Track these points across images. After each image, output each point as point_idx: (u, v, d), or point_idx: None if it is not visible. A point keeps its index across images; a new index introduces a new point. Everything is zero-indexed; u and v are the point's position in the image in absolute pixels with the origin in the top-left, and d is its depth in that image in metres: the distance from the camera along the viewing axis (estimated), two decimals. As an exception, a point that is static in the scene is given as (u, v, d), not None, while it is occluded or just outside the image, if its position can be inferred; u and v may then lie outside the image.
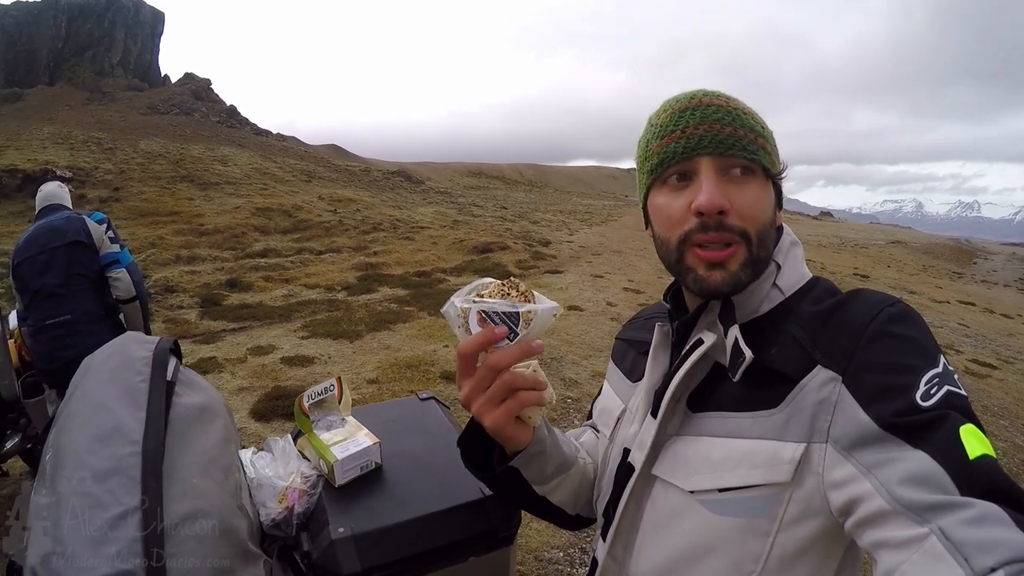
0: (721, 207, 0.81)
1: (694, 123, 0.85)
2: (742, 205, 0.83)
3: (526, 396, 0.84)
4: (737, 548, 0.79)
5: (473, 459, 1.04)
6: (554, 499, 1.06)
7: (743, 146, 0.84)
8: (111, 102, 42.74)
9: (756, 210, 0.84)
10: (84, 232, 3.39)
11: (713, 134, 0.84)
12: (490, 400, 0.84)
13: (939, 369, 0.69)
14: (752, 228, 0.83)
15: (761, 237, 0.84)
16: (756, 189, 0.85)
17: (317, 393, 1.35)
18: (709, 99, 0.87)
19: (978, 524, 0.56)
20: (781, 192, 0.91)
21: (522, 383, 0.83)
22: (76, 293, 3.33)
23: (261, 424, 4.91)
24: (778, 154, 0.90)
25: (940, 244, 39.95)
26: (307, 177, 27.81)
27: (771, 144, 0.88)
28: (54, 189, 3.72)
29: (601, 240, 20.16)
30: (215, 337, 7.67)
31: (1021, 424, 6.59)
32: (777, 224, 0.91)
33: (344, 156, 53.12)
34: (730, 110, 0.86)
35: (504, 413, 0.84)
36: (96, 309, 3.39)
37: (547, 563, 3.42)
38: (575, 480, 1.07)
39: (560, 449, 1.03)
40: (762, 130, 0.87)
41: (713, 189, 0.82)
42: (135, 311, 3.54)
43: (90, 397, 0.98)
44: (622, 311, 9.92)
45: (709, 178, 0.83)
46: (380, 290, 10.96)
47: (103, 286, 3.46)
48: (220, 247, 14.51)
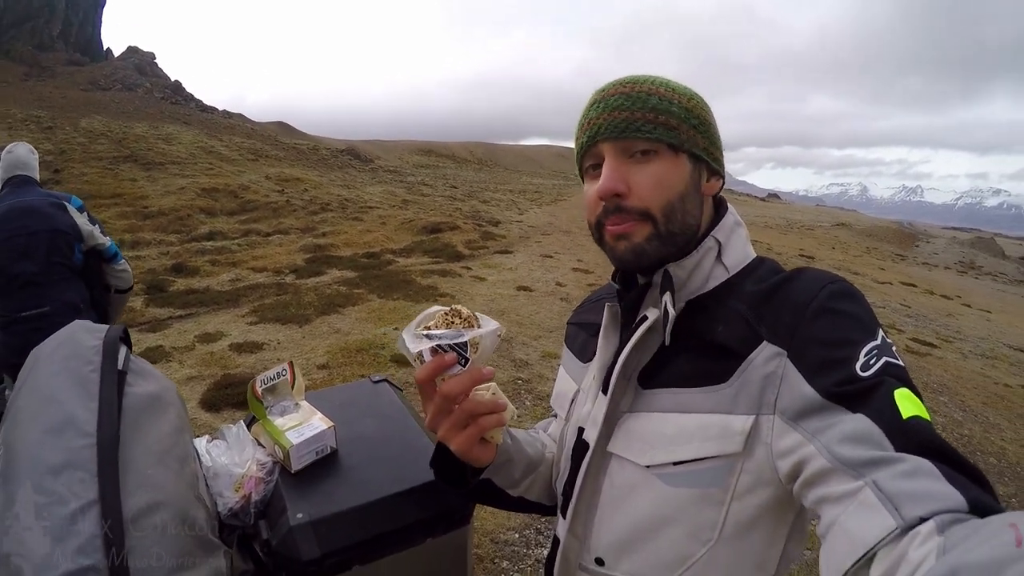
0: (615, 191, 0.87)
1: (596, 114, 0.91)
2: (641, 185, 0.88)
3: (486, 421, 0.89)
4: (694, 518, 0.83)
5: (446, 476, 1.07)
6: (530, 496, 1.12)
7: (637, 127, 0.87)
8: (51, 77, 40.74)
9: (657, 188, 0.88)
10: (69, 223, 3.17)
11: (610, 121, 0.88)
12: (453, 426, 0.88)
13: (877, 342, 0.74)
14: (655, 206, 0.87)
15: (668, 213, 0.88)
16: (658, 167, 0.88)
17: (269, 378, 1.34)
18: (616, 88, 0.91)
19: (910, 477, 0.60)
20: (714, 164, 0.94)
21: (481, 409, 0.88)
22: (56, 283, 3.11)
23: (212, 414, 4.80)
24: (706, 128, 0.92)
25: (884, 227, 41.01)
26: (254, 156, 27.09)
27: (683, 120, 0.89)
28: (24, 155, 3.30)
29: (550, 220, 20.15)
30: (162, 325, 7.45)
31: (959, 400, 6.87)
32: (710, 194, 0.95)
33: (292, 134, 51.91)
34: (631, 95, 0.89)
35: (467, 438, 0.89)
36: (75, 301, 3.19)
37: (503, 544, 3.45)
38: (546, 475, 1.13)
39: (525, 452, 1.08)
40: (669, 107, 0.89)
41: (608, 175, 0.88)
42: (124, 300, 3.43)
43: (40, 389, 0.96)
44: (572, 291, 9.98)
45: (608, 163, 0.89)
46: (329, 272, 10.76)
47: (82, 276, 3.28)
48: (165, 230, 14.05)
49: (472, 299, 8.89)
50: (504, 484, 1.06)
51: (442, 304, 0.89)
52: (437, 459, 1.06)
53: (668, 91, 0.90)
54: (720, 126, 0.97)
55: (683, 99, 0.90)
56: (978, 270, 28.79)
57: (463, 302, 8.66)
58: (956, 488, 0.57)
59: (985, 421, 6.34)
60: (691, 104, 0.91)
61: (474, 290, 9.54)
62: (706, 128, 0.92)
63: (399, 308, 8.11)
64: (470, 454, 0.92)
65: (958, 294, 17.34)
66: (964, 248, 37.16)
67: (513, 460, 1.05)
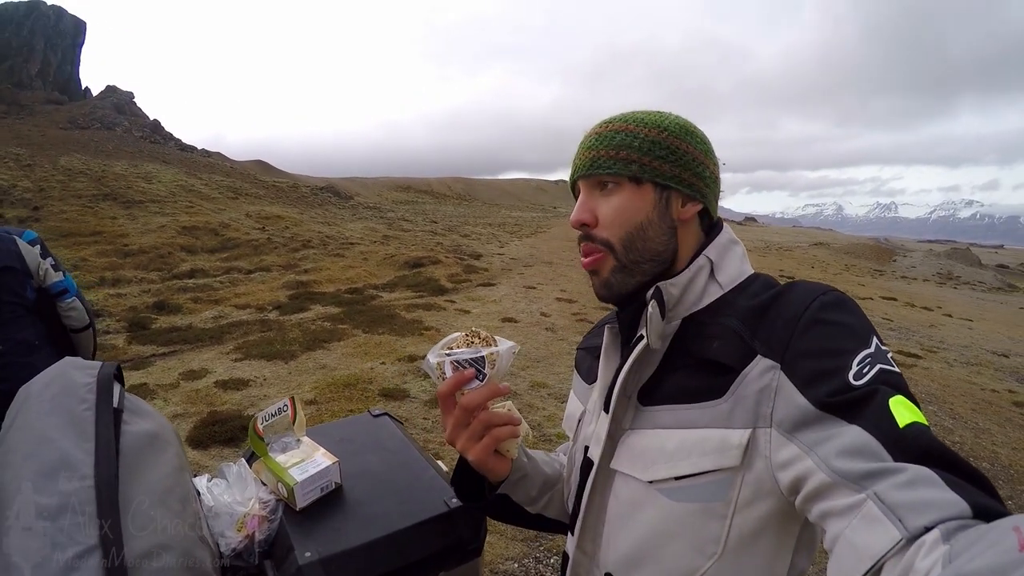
0: (581, 220, 0.97)
1: (577, 154, 1.01)
2: (604, 217, 0.96)
3: (500, 431, 0.94)
4: (698, 532, 0.84)
5: (465, 492, 1.13)
6: (549, 514, 1.15)
7: (599, 165, 0.95)
8: (29, 115, 40.69)
9: (618, 219, 0.95)
10: (16, 256, 3.05)
11: (583, 160, 0.98)
12: (470, 437, 0.94)
13: (871, 349, 0.74)
14: (615, 236, 0.95)
15: (627, 243, 0.95)
16: (618, 199, 0.95)
17: (270, 414, 1.30)
18: (593, 129, 1.00)
19: (911, 487, 0.60)
20: (687, 191, 0.96)
21: (497, 420, 0.94)
22: (8, 322, 3.00)
23: (199, 452, 4.70)
24: (676, 156, 0.95)
25: (861, 244, 41.71)
26: (233, 194, 27.12)
27: (646, 152, 0.94)
28: None
29: (532, 252, 20.31)
30: (145, 362, 7.34)
31: (948, 408, 6.97)
32: (686, 218, 0.97)
33: (271, 172, 52.00)
34: (602, 135, 0.97)
35: (483, 448, 0.94)
36: (31, 339, 3.07)
37: (503, 575, 3.40)
38: (563, 494, 1.15)
39: (541, 470, 1.13)
40: (632, 142, 0.95)
41: (578, 207, 0.99)
42: (88, 338, 3.29)
43: (31, 429, 0.90)
44: (556, 321, 10.04)
45: (580, 198, 1.00)
46: (312, 308, 10.72)
47: (37, 313, 3.16)
48: (146, 268, 13.96)
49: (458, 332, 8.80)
50: (522, 500, 1.11)
51: (427, 336, 0.92)
52: (456, 476, 1.11)
53: (635, 126, 0.96)
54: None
55: (651, 132, 0.95)
56: (956, 280, 29.31)
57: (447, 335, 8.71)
58: (958, 494, 0.57)
59: (975, 427, 6.42)
60: (661, 136, 0.95)
61: (459, 323, 9.52)
62: (676, 157, 0.95)
63: (384, 343, 8.07)
64: (486, 465, 0.98)
65: (938, 305, 17.66)
66: (941, 260, 37.80)
67: (529, 476, 1.09)
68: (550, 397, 6.11)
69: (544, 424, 5.41)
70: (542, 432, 5.26)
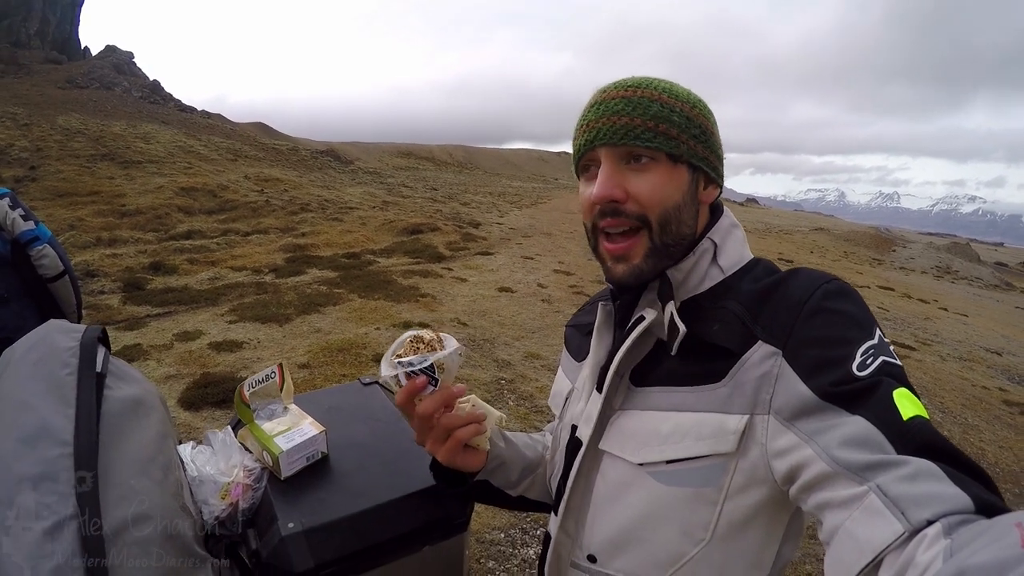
0: (611, 197, 0.87)
1: (595, 116, 0.89)
2: (639, 192, 0.87)
3: (462, 432, 0.97)
4: (687, 517, 0.83)
5: (445, 479, 1.13)
6: (531, 496, 1.16)
7: (637, 135, 0.86)
8: (27, 75, 40.10)
9: (655, 196, 0.87)
10: None
11: (609, 126, 0.87)
12: (435, 440, 0.98)
13: (875, 341, 0.73)
14: (652, 214, 0.87)
15: (663, 222, 0.88)
16: (656, 175, 0.87)
17: (258, 381, 1.27)
18: (617, 91, 0.90)
19: (913, 480, 0.59)
20: (712, 173, 0.93)
21: (457, 422, 0.96)
22: None
23: (191, 413, 4.72)
24: (707, 137, 0.91)
25: (861, 232, 41.65)
26: (233, 156, 26.87)
27: (684, 129, 0.88)
28: None
29: (531, 222, 20.24)
30: (139, 323, 7.31)
31: (939, 402, 7.02)
32: (707, 202, 0.95)
33: (271, 135, 51.59)
34: (632, 100, 0.88)
35: (448, 450, 0.98)
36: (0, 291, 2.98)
37: (489, 544, 3.44)
38: (545, 476, 1.16)
39: (522, 454, 1.14)
40: (670, 115, 0.87)
41: (605, 180, 0.88)
42: (66, 287, 3.21)
43: (11, 394, 0.88)
44: (553, 292, 10.05)
45: (604, 169, 0.89)
46: (309, 272, 10.68)
47: (12, 266, 3.06)
48: (143, 229, 13.84)
49: (454, 299, 8.89)
50: (502, 485, 1.12)
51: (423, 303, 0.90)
52: (435, 464, 1.12)
53: (671, 98, 0.89)
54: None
55: (685, 107, 0.90)
56: (954, 275, 29.35)
57: (445, 303, 8.59)
58: (960, 488, 0.57)
59: (964, 423, 6.46)
60: (693, 113, 0.90)
61: (456, 291, 9.52)
62: (707, 137, 0.91)
63: (380, 308, 8.06)
64: (455, 462, 1.01)
65: (935, 298, 17.68)
66: (940, 253, 37.78)
67: (507, 463, 1.11)
68: (543, 368, 6.15)
69: (536, 396, 5.45)
70: (534, 403, 5.28)
